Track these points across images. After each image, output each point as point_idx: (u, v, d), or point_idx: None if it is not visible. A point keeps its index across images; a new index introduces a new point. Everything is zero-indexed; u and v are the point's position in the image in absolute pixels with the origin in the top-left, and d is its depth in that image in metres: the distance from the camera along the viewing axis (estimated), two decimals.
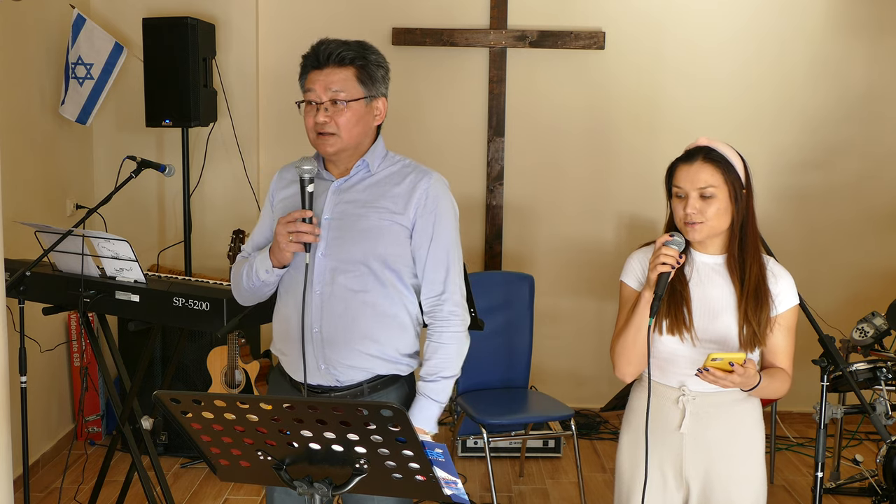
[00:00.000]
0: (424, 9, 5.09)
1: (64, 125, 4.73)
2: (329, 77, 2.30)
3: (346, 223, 2.35)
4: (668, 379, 2.38)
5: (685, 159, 2.37)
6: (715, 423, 2.37)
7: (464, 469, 4.61)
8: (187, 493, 4.27)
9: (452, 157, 5.16)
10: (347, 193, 2.38)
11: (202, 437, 1.84)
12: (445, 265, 2.37)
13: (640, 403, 2.42)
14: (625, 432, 2.51)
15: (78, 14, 4.64)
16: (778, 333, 2.37)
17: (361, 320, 2.33)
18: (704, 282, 2.36)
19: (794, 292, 2.40)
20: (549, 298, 5.16)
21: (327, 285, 2.33)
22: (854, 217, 5.24)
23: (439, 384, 2.34)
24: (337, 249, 2.33)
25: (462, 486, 1.80)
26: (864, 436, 5.01)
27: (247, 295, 2.48)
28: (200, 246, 4.96)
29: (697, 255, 2.39)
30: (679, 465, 2.39)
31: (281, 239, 2.30)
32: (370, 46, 2.38)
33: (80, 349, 4.76)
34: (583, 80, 5.16)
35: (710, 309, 2.34)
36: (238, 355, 4.44)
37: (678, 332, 2.33)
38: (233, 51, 5.00)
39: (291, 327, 2.38)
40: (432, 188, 2.38)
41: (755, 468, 2.41)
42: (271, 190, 2.53)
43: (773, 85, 5.16)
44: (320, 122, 2.30)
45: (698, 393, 2.36)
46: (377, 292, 2.34)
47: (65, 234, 3.10)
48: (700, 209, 2.31)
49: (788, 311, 2.37)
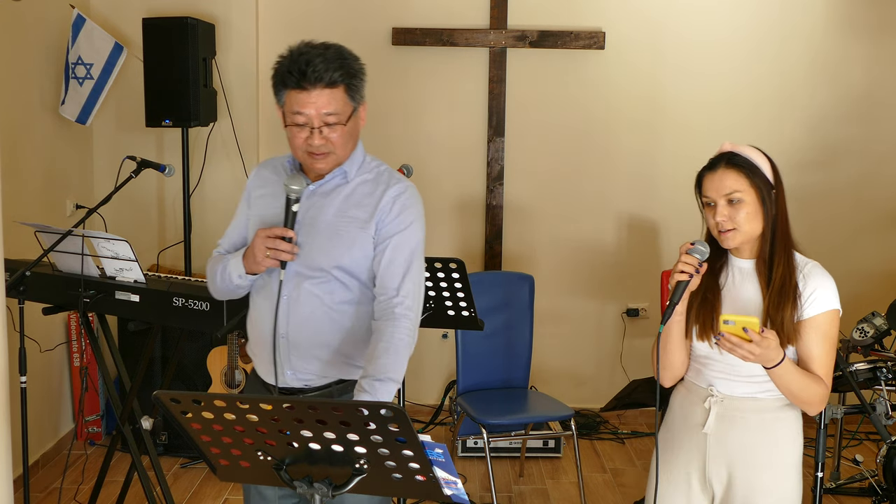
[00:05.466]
0: (424, 9, 5.09)
1: (64, 125, 4.73)
2: (320, 100, 2.25)
3: (315, 230, 2.34)
4: (700, 380, 2.40)
5: (709, 167, 2.34)
6: (742, 428, 2.34)
7: (464, 469, 4.61)
8: (187, 493, 4.27)
9: (452, 157, 5.16)
10: (321, 199, 2.37)
11: (202, 437, 1.84)
12: (403, 270, 2.32)
13: (677, 404, 2.46)
14: (661, 432, 2.52)
15: (78, 14, 4.64)
16: (811, 338, 2.27)
17: (326, 326, 2.33)
18: (738, 286, 2.35)
19: (832, 297, 2.29)
20: (549, 298, 5.16)
21: (294, 290, 2.33)
22: (854, 217, 5.24)
23: (387, 386, 2.19)
24: (303, 255, 2.33)
25: (462, 486, 1.80)
26: (864, 436, 5.01)
27: (221, 293, 2.50)
28: (200, 246, 4.95)
29: (734, 259, 2.38)
30: (703, 466, 2.39)
31: (258, 252, 2.29)
32: (348, 54, 2.32)
33: (80, 349, 4.76)
34: (583, 80, 5.16)
35: (738, 312, 2.31)
36: (238, 355, 4.44)
37: (706, 337, 2.32)
38: (233, 51, 5.00)
39: (260, 332, 2.40)
40: (401, 196, 2.36)
41: (783, 481, 2.34)
42: (248, 187, 2.52)
43: (772, 85, 5.16)
44: (317, 145, 2.28)
45: (726, 395, 2.35)
46: (342, 298, 2.34)
47: (65, 234, 3.10)
48: (729, 216, 2.28)
49: (822, 316, 2.27)
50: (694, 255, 2.26)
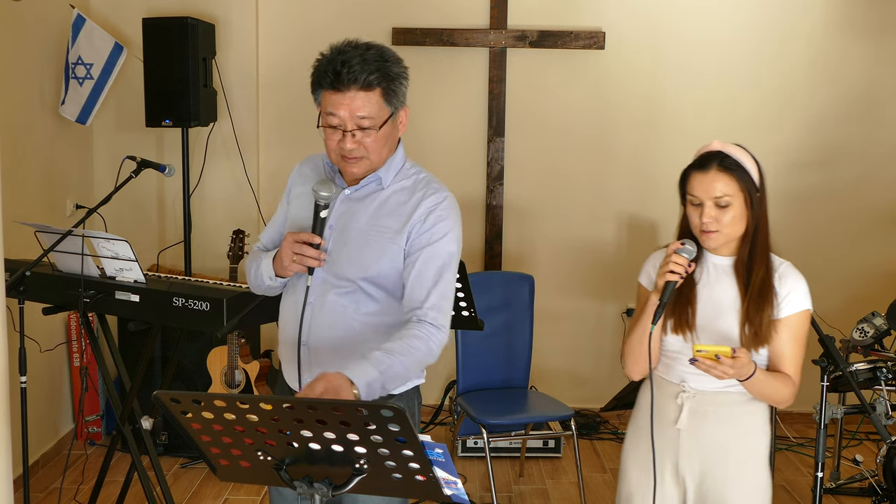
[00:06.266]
0: (424, 9, 5.09)
1: (64, 125, 4.73)
2: (353, 102, 2.17)
3: (346, 237, 2.28)
4: (671, 375, 2.40)
5: (699, 167, 2.32)
6: (714, 423, 2.37)
7: (464, 469, 4.61)
8: (187, 493, 4.27)
9: (452, 157, 5.16)
10: (355, 205, 2.30)
11: (202, 437, 1.84)
12: (431, 283, 2.22)
13: (646, 401, 2.44)
14: (630, 429, 2.53)
15: (78, 14, 4.64)
16: (783, 338, 2.32)
17: (348, 337, 2.27)
18: (713, 282, 2.36)
19: (805, 297, 2.34)
20: (549, 298, 5.16)
21: (319, 297, 2.28)
22: (854, 217, 5.24)
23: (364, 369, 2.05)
24: (331, 263, 2.27)
25: (462, 486, 1.80)
26: (864, 436, 5.01)
27: (257, 290, 2.45)
28: (200, 246, 4.96)
29: (709, 255, 2.38)
30: (675, 461, 2.40)
31: (285, 257, 2.24)
32: (390, 56, 2.24)
33: (80, 349, 4.76)
34: (583, 80, 5.16)
35: (714, 309, 2.34)
36: (238, 355, 4.44)
37: (681, 331, 2.34)
38: (233, 51, 5.00)
39: (285, 336, 2.36)
40: (437, 208, 2.26)
41: (754, 473, 2.39)
42: (289, 183, 2.45)
43: (772, 85, 5.16)
44: (349, 148, 2.20)
45: (698, 391, 2.36)
46: (368, 310, 2.27)
47: (65, 234, 3.10)
48: (716, 217, 2.29)
49: (795, 316, 2.32)
50: (683, 254, 2.26)
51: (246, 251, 4.47)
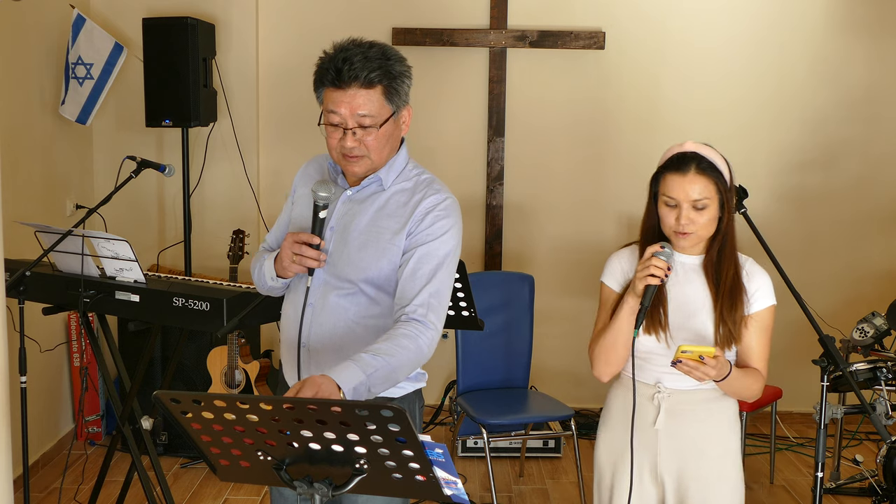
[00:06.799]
0: (424, 9, 5.09)
1: (64, 125, 4.73)
2: (354, 100, 2.15)
3: (346, 238, 2.27)
4: (644, 376, 2.39)
5: (676, 168, 2.32)
6: (690, 421, 2.38)
7: (464, 469, 4.61)
8: (187, 493, 4.27)
9: (452, 157, 5.16)
10: (356, 206, 2.29)
11: (202, 437, 1.84)
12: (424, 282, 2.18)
13: (618, 403, 2.46)
14: (602, 431, 2.52)
15: (78, 14, 4.64)
16: (752, 333, 2.36)
17: (348, 340, 2.25)
18: (682, 281, 2.37)
19: (771, 293, 2.39)
20: (549, 298, 5.16)
21: (319, 299, 2.27)
22: (854, 217, 5.24)
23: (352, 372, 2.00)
24: (332, 264, 2.26)
25: (462, 486, 1.80)
26: (864, 436, 5.01)
27: (261, 290, 2.44)
28: (200, 246, 4.96)
29: (676, 255, 2.38)
30: (654, 461, 2.41)
31: (285, 257, 2.24)
32: (392, 54, 2.21)
33: (80, 349, 4.76)
34: (583, 80, 5.16)
35: (686, 308, 2.35)
36: (238, 355, 4.44)
37: (654, 331, 2.34)
38: (233, 51, 5.00)
39: (286, 337, 2.36)
40: (435, 208, 2.24)
41: (730, 467, 2.42)
42: (294, 183, 2.44)
43: (773, 85, 5.16)
44: (349, 146, 2.19)
45: (674, 390, 2.38)
46: (368, 313, 2.26)
47: (65, 234, 3.10)
48: (692, 219, 2.30)
49: (763, 311, 2.37)
50: (661, 257, 2.26)
51: (246, 251, 4.48)
